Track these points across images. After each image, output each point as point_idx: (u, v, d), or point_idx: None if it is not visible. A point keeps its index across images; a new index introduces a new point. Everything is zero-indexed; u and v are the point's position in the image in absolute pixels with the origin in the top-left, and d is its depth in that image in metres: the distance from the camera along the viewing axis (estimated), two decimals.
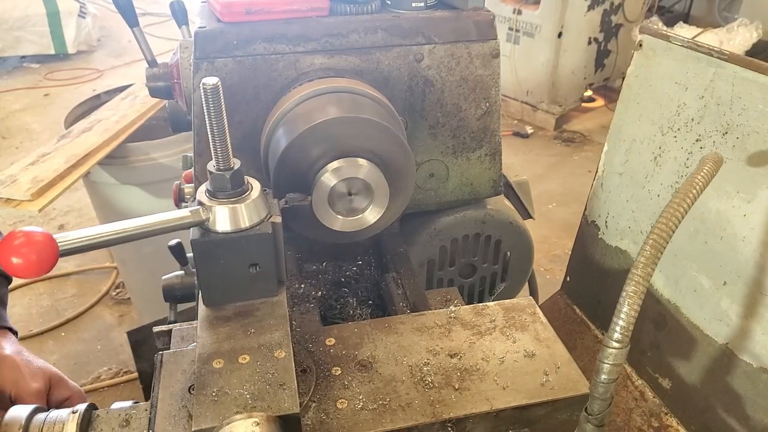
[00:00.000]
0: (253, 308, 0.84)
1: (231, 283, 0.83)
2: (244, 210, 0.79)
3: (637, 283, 0.72)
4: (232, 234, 0.78)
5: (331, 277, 1.31)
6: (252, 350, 0.77)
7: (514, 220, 1.32)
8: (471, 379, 0.85)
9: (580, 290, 1.40)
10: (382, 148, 0.93)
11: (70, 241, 0.69)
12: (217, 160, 0.77)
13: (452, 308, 0.99)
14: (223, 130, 0.76)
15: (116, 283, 3.48)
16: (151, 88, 1.35)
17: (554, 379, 0.85)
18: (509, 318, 0.96)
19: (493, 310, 0.98)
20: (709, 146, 1.01)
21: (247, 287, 0.83)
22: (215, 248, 0.79)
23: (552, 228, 3.81)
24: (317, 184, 0.91)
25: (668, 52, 1.08)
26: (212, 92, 0.73)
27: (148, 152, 2.40)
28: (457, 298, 1.16)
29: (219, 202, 0.78)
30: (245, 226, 0.79)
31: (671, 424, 1.12)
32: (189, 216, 0.77)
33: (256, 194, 0.80)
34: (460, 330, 0.94)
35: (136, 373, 2.71)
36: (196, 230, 0.79)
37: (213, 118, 0.74)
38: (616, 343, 0.72)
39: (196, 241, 0.78)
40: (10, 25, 6.44)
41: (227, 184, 0.78)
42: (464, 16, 1.13)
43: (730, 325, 1.01)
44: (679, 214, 0.76)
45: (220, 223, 0.78)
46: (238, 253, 0.80)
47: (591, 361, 1.27)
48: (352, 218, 0.96)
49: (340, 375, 0.86)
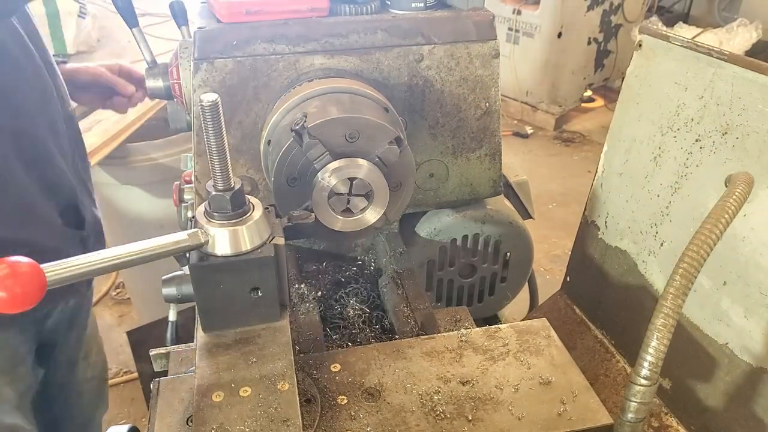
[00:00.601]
0: (255, 334, 0.80)
1: (231, 308, 0.79)
2: (245, 232, 0.75)
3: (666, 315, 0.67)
4: (232, 258, 0.74)
5: (331, 277, 1.31)
6: (254, 382, 0.73)
7: (514, 220, 1.32)
8: (485, 409, 0.81)
9: (580, 290, 1.40)
10: (375, 144, 0.93)
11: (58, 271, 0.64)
12: (216, 180, 0.74)
13: (463, 331, 0.94)
14: (222, 149, 0.72)
15: (116, 283, 3.48)
16: (150, 89, 1.35)
17: (572, 408, 0.81)
18: (523, 341, 0.92)
19: (505, 333, 0.94)
20: (708, 146, 1.01)
21: (248, 312, 0.80)
22: (214, 273, 0.75)
23: (552, 228, 3.81)
24: (317, 184, 0.91)
25: (668, 52, 1.08)
26: (211, 110, 0.69)
27: (148, 152, 2.40)
28: (467, 319, 1.11)
29: (219, 224, 0.74)
30: (246, 249, 0.75)
31: (671, 424, 1.12)
32: (187, 239, 0.73)
33: (257, 215, 0.76)
34: (472, 355, 0.90)
35: (136, 373, 2.71)
36: (194, 254, 0.75)
37: (212, 136, 0.70)
38: (644, 380, 0.67)
39: (194, 266, 0.74)
40: None
41: (227, 205, 0.74)
42: (464, 17, 1.13)
43: (730, 325, 1.01)
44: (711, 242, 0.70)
45: (219, 247, 0.74)
46: (238, 278, 0.76)
47: (591, 362, 1.27)
48: (352, 218, 0.96)
49: (347, 405, 0.82)
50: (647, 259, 1.17)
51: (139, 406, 2.70)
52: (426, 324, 1.06)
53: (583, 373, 0.90)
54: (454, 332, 0.95)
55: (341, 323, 1.19)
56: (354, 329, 1.17)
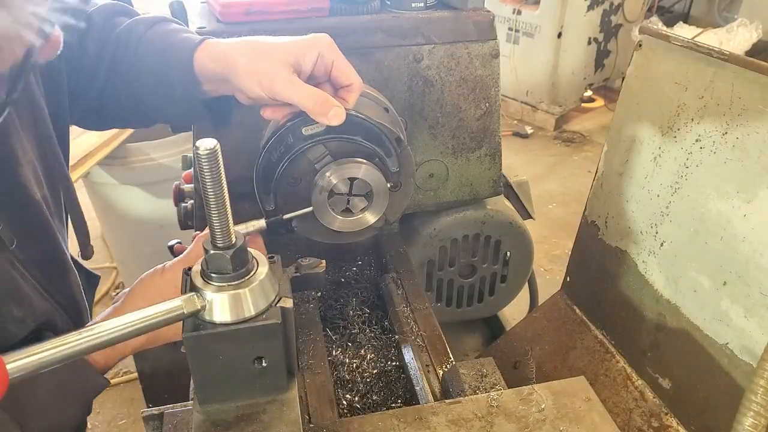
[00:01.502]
0: (259, 410, 0.70)
1: (232, 380, 0.69)
2: (249, 295, 0.65)
3: (757, 414, 0.58)
4: (233, 325, 0.64)
5: (331, 277, 1.31)
6: None
7: (514, 220, 1.32)
8: None
9: (580, 290, 1.40)
10: (381, 148, 0.93)
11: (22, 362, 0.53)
12: (215, 237, 0.63)
13: (493, 394, 0.86)
14: (221, 202, 0.61)
15: (116, 283, 3.48)
16: None
17: None
18: (560, 405, 0.84)
19: (540, 396, 0.85)
20: (708, 146, 1.01)
21: (250, 385, 0.70)
22: (213, 343, 0.66)
23: (552, 228, 3.81)
24: (317, 184, 0.91)
25: (668, 52, 1.08)
26: (208, 158, 0.59)
27: (148, 152, 2.40)
28: (494, 372, 1.00)
29: (217, 287, 0.64)
30: (249, 315, 0.65)
31: (671, 424, 1.12)
32: (181, 306, 0.63)
33: (262, 274, 0.66)
34: (504, 423, 0.81)
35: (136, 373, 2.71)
36: (189, 321, 0.65)
37: (209, 187, 0.60)
38: None
39: (189, 337, 0.64)
40: None
41: (227, 265, 0.64)
42: (464, 17, 1.13)
43: (730, 325, 1.01)
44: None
45: (218, 313, 0.64)
46: (240, 348, 0.67)
47: (591, 362, 1.27)
48: (352, 218, 0.96)
49: None
50: (647, 259, 1.17)
51: (139, 406, 2.70)
52: (449, 381, 0.97)
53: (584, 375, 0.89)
54: (482, 395, 0.87)
55: (341, 323, 1.19)
56: (354, 329, 1.17)
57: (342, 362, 1.10)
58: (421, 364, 1.02)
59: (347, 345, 1.14)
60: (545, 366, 1.30)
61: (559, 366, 1.29)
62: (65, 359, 0.56)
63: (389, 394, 1.06)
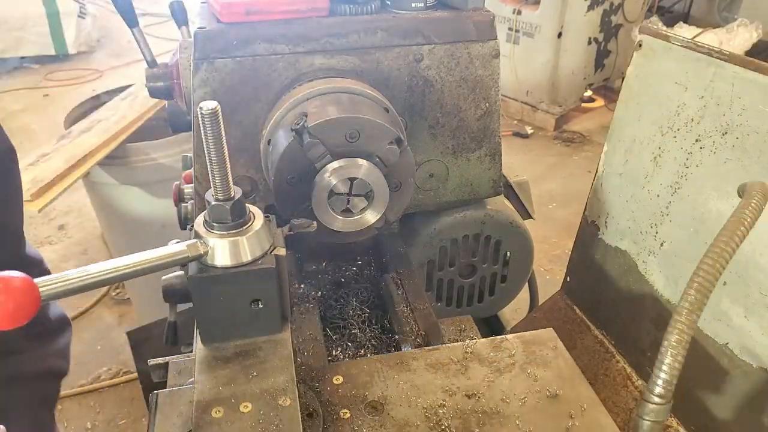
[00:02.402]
0: (256, 347, 0.78)
1: (231, 320, 0.77)
2: (246, 243, 0.73)
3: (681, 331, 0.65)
4: (233, 269, 0.73)
5: (331, 277, 1.31)
6: (254, 397, 0.71)
7: (514, 220, 1.32)
8: (491, 423, 0.79)
9: (580, 290, 1.40)
10: (381, 148, 0.93)
11: (51, 286, 0.62)
12: (216, 190, 0.72)
13: (468, 342, 0.93)
14: (222, 158, 0.70)
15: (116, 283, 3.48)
16: (150, 89, 1.35)
17: (580, 423, 0.79)
18: (529, 353, 0.90)
19: (511, 344, 0.92)
20: (708, 146, 1.01)
21: (248, 325, 0.78)
22: (214, 284, 0.74)
23: (552, 228, 3.81)
24: (317, 184, 0.91)
25: (668, 52, 1.08)
26: (210, 117, 0.68)
27: (147, 152, 2.40)
28: (471, 328, 1.10)
29: (218, 234, 0.73)
30: (247, 260, 0.73)
31: (671, 424, 1.12)
32: (186, 250, 0.72)
33: (258, 225, 0.75)
34: (478, 367, 0.88)
35: (136, 373, 2.71)
36: (193, 265, 0.73)
37: (211, 144, 0.69)
38: (657, 398, 0.65)
39: (193, 278, 0.73)
40: (11, 25, 6.44)
41: (227, 215, 0.73)
42: (464, 17, 1.13)
43: (730, 325, 1.01)
44: (727, 254, 0.68)
45: (219, 258, 0.73)
46: (238, 289, 0.75)
47: (590, 362, 1.28)
48: (352, 218, 0.96)
49: (349, 419, 0.80)
50: (647, 259, 1.17)
51: (139, 406, 2.70)
52: (430, 334, 1.04)
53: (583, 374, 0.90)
54: (459, 343, 0.93)
55: (341, 323, 1.19)
56: (354, 329, 1.17)
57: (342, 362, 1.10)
58: None
59: (347, 345, 1.14)
60: None
61: None
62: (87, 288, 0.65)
63: None
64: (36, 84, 6.40)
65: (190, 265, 0.73)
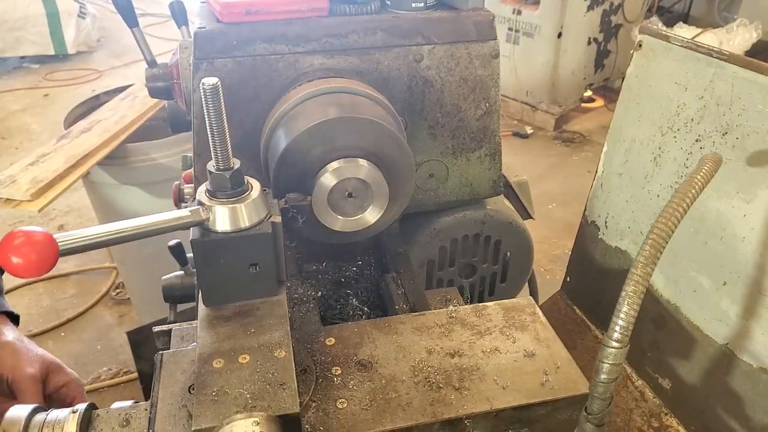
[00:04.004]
0: (254, 308, 0.84)
1: (231, 283, 0.82)
2: (244, 210, 0.79)
3: (636, 282, 0.72)
4: (232, 234, 0.78)
5: (331, 277, 1.31)
6: (252, 350, 0.77)
7: (514, 220, 1.32)
8: (471, 379, 0.85)
9: (580, 290, 1.40)
10: (381, 148, 0.93)
11: (69, 241, 0.69)
12: (217, 160, 0.77)
13: (452, 308, 0.98)
14: (222, 130, 0.75)
15: (116, 283, 3.48)
16: (150, 89, 1.35)
17: (554, 379, 0.85)
18: (509, 318, 0.96)
19: (492, 310, 0.98)
20: (708, 146, 1.01)
21: (247, 287, 0.83)
22: (215, 248, 0.79)
23: (552, 228, 3.81)
24: (317, 184, 0.91)
25: (668, 52, 1.08)
26: (212, 92, 0.73)
27: (147, 152, 2.40)
28: (456, 298, 1.16)
29: (219, 201, 0.78)
30: (245, 226, 0.79)
31: (671, 424, 1.12)
32: (189, 216, 0.77)
33: (255, 194, 0.80)
34: (460, 330, 0.94)
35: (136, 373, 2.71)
36: (195, 230, 0.79)
37: (213, 117, 0.74)
38: (615, 343, 0.72)
39: (195, 241, 0.78)
40: (10, 25, 6.45)
41: (227, 183, 0.78)
42: (464, 17, 1.13)
43: (730, 325, 1.01)
44: (678, 214, 0.76)
45: (219, 223, 0.78)
46: (237, 253, 0.80)
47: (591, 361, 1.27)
48: (352, 218, 0.96)
49: (340, 374, 0.86)
50: None
51: None
52: (417, 303, 1.10)
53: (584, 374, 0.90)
54: (443, 309, 0.99)
55: (341, 323, 1.19)
56: None
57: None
58: None
59: None
60: None
61: None
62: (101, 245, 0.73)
63: None
64: (36, 84, 6.41)
65: (193, 230, 0.79)
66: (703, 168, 0.80)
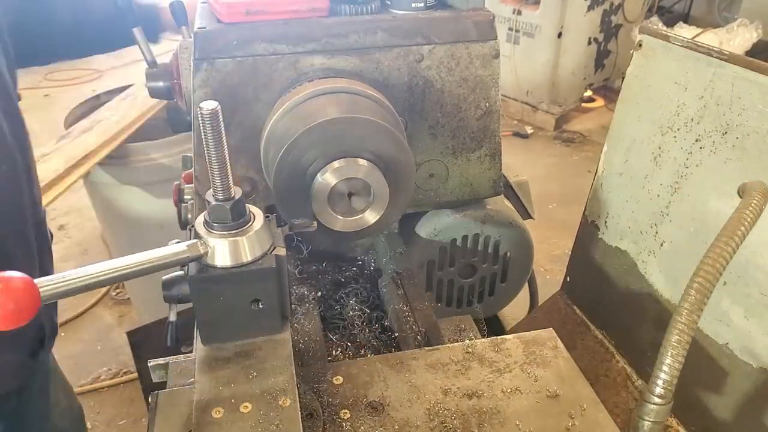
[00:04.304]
0: (255, 347, 0.78)
1: (231, 320, 0.77)
2: (246, 243, 0.73)
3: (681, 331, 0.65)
4: (233, 269, 0.73)
5: (331, 277, 1.31)
6: (254, 397, 0.71)
7: (514, 220, 1.32)
8: (491, 423, 0.80)
9: (580, 290, 1.40)
10: (381, 148, 0.93)
11: (52, 286, 0.61)
12: (216, 190, 0.72)
13: (468, 342, 0.93)
14: (222, 158, 0.70)
15: None
16: (150, 89, 1.35)
17: (580, 423, 0.80)
18: (529, 353, 0.91)
19: (511, 344, 0.92)
20: (708, 146, 1.01)
21: (248, 324, 0.78)
22: (214, 285, 0.74)
23: (552, 228, 3.81)
24: (317, 184, 0.91)
25: (668, 52, 1.08)
26: (210, 117, 0.67)
27: (148, 152, 2.40)
28: (471, 328, 1.09)
29: (219, 234, 0.73)
30: (247, 260, 0.73)
31: (671, 424, 1.12)
32: (186, 251, 0.72)
33: (258, 225, 0.75)
34: (478, 367, 0.88)
35: (136, 373, 2.71)
36: (193, 266, 0.73)
37: (211, 144, 0.69)
38: (658, 399, 0.65)
39: (193, 278, 0.73)
40: None
41: (227, 215, 0.73)
42: (464, 17, 1.13)
43: (730, 325, 1.01)
44: (727, 254, 0.68)
45: (219, 258, 0.73)
46: (239, 289, 0.75)
47: (591, 362, 1.28)
48: (352, 218, 0.96)
49: (350, 419, 0.81)
50: (647, 259, 1.17)
51: (139, 406, 2.70)
52: (430, 334, 1.04)
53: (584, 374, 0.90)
54: (458, 343, 0.93)
55: (341, 323, 1.19)
56: (354, 329, 1.17)
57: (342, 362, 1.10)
58: None
59: (347, 345, 1.14)
60: None
61: None
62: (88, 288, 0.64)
63: None
64: (36, 84, 6.40)
65: (190, 265, 0.73)
66: (752, 202, 0.72)
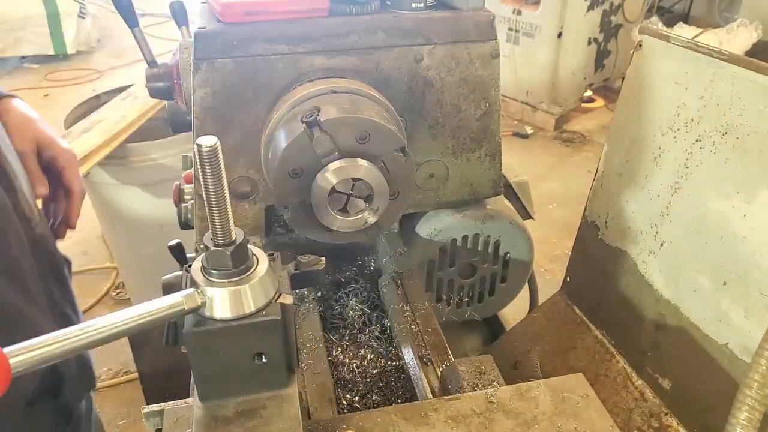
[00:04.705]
0: (259, 405, 0.70)
1: (232, 376, 0.70)
2: (249, 292, 0.65)
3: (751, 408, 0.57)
4: (234, 322, 0.65)
5: (331, 277, 1.31)
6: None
7: (514, 220, 1.32)
8: None
9: (580, 290, 1.40)
10: (381, 148, 0.93)
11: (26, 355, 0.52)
12: (216, 234, 0.64)
13: (491, 390, 0.86)
14: (222, 198, 0.62)
15: (116, 283, 3.48)
16: (150, 89, 1.35)
17: None
18: (558, 402, 0.84)
19: (539, 392, 0.85)
20: (709, 146, 1.01)
21: (251, 380, 0.71)
22: (213, 339, 0.66)
23: (552, 228, 3.81)
24: (317, 184, 0.91)
25: (668, 52, 1.08)
26: (209, 155, 0.60)
27: (148, 152, 2.40)
28: (492, 370, 1.01)
29: (218, 283, 0.65)
30: (249, 311, 0.66)
31: (671, 424, 1.12)
32: (182, 302, 0.64)
33: (262, 270, 0.67)
34: (503, 419, 0.81)
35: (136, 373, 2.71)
36: (190, 318, 0.66)
37: (210, 183, 0.61)
38: None
39: (190, 333, 0.65)
40: (10, 25, 6.45)
41: (228, 261, 0.65)
42: (464, 17, 1.13)
43: (730, 325, 1.01)
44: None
45: (219, 309, 0.65)
46: (240, 344, 0.67)
47: (591, 362, 1.27)
48: (352, 218, 0.96)
49: None
50: (647, 259, 1.17)
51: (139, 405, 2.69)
52: (448, 378, 0.98)
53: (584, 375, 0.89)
54: (480, 392, 0.87)
55: (341, 323, 1.19)
56: (354, 329, 1.17)
57: (342, 362, 1.10)
58: (421, 363, 1.02)
59: (347, 345, 1.14)
60: (545, 366, 1.30)
61: (559, 366, 1.29)
62: (68, 354, 0.55)
63: (389, 394, 1.06)
64: (36, 84, 6.41)
65: (187, 317, 0.66)
66: None
